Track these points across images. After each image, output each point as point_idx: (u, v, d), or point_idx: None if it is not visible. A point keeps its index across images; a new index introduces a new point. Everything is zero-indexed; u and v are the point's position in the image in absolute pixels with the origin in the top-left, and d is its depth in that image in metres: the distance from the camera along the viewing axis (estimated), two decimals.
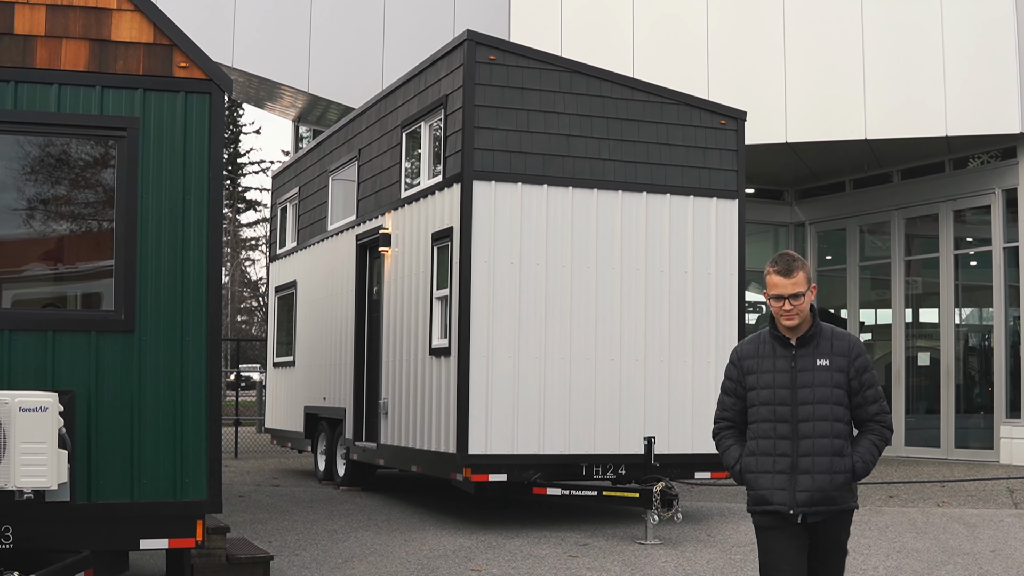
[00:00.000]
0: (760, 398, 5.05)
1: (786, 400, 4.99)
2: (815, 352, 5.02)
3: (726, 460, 5.23)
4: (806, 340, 5.04)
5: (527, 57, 11.52)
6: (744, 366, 5.14)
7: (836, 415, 4.97)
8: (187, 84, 7.33)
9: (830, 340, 5.04)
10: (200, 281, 7.28)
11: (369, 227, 13.80)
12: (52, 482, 6.37)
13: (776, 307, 5.04)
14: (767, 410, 5.02)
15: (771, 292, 5.03)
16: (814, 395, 4.96)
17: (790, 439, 4.98)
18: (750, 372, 5.10)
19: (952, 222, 19.84)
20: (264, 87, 22.03)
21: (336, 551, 9.88)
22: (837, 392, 4.97)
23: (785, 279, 4.98)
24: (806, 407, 4.97)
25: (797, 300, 4.98)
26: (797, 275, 4.98)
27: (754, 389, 5.08)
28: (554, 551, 9.95)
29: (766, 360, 5.07)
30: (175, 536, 7.13)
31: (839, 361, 4.99)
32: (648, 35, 19.64)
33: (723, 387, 5.24)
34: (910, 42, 18.40)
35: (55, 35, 7.16)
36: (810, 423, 4.96)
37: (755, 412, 5.07)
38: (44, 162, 7.32)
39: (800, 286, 4.98)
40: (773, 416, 5.00)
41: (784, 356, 5.04)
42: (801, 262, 5.02)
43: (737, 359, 5.18)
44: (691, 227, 11.92)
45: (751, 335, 5.26)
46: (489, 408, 10.98)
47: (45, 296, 7.57)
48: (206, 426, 7.22)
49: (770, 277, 5.02)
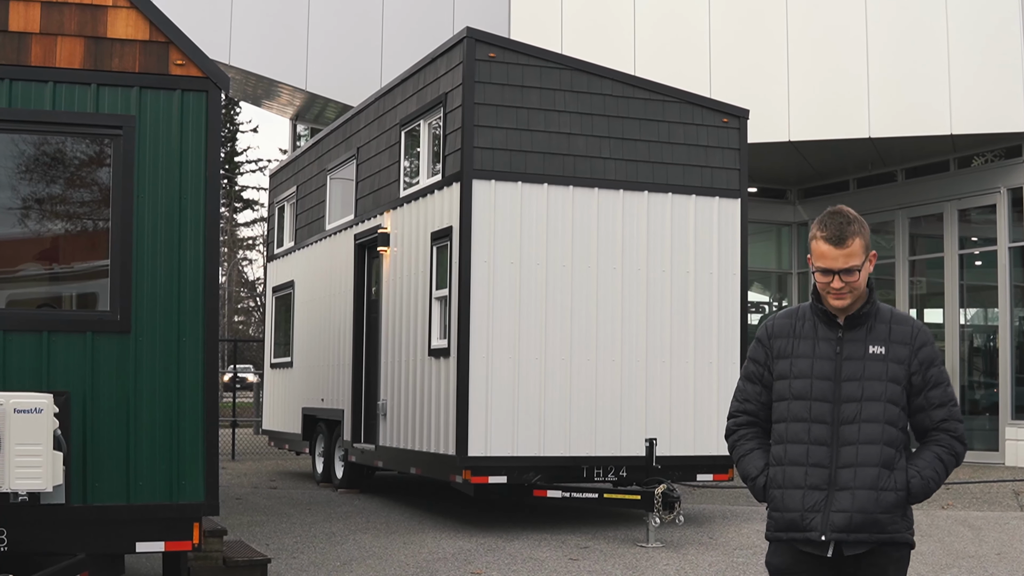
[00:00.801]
0: (793, 390, 4.00)
1: (826, 395, 3.95)
2: (868, 337, 3.98)
3: (745, 469, 4.12)
4: (858, 320, 3.99)
5: (527, 55, 11.53)
6: (775, 347, 4.07)
7: (889, 417, 3.92)
8: (183, 82, 7.32)
9: (888, 323, 4.00)
10: (197, 281, 7.27)
11: (367, 226, 13.80)
12: (47, 484, 6.37)
13: (822, 283, 3.95)
14: (801, 406, 3.97)
15: (817, 263, 3.93)
16: (862, 391, 3.92)
17: (828, 445, 3.93)
18: (782, 355, 4.04)
19: (957, 221, 19.84)
20: (261, 85, 22.03)
21: (334, 554, 9.88)
22: (893, 389, 3.93)
23: (836, 248, 3.87)
24: (851, 405, 3.92)
25: (851, 276, 3.89)
26: (852, 243, 3.87)
27: (785, 378, 4.02)
28: (555, 554, 9.95)
29: (804, 342, 4.02)
30: (171, 539, 7.13)
31: (898, 350, 3.96)
32: (650, 35, 19.64)
33: (744, 372, 4.18)
34: (915, 39, 18.39)
35: (50, 32, 7.15)
36: (855, 425, 3.91)
37: (784, 408, 4.01)
38: (39, 161, 7.31)
39: (855, 258, 3.88)
40: (808, 414, 3.95)
41: (828, 339, 4.00)
42: (859, 224, 3.92)
43: (767, 337, 4.10)
44: (693, 226, 11.93)
45: (787, 308, 4.19)
46: (489, 409, 10.98)
47: (40, 296, 7.57)
48: (203, 428, 7.22)
49: (816, 244, 3.93)
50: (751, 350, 4.17)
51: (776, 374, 4.06)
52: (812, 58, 18.86)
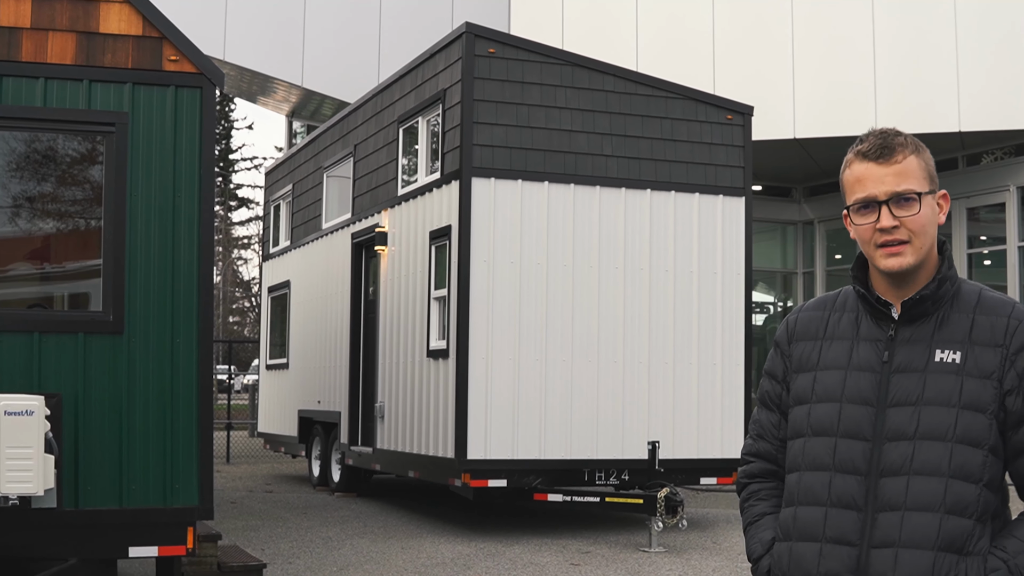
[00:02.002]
0: (813, 421, 2.66)
1: (861, 429, 2.59)
2: (936, 335, 2.61)
3: (749, 546, 2.82)
4: (921, 308, 2.62)
5: (528, 50, 11.53)
6: (796, 355, 2.75)
7: (960, 466, 2.53)
8: (177, 78, 7.32)
9: (970, 313, 2.63)
10: (191, 281, 7.28)
11: (365, 225, 13.81)
12: (38, 488, 6.37)
13: (864, 231, 2.62)
14: (822, 447, 2.63)
15: (853, 196, 2.63)
16: (918, 422, 2.55)
17: (858, 510, 2.57)
18: (804, 367, 2.72)
19: (965, 220, 19.85)
20: (257, 81, 22.04)
21: (331, 559, 9.89)
22: (971, 421, 2.54)
23: (879, 164, 2.60)
24: (899, 447, 2.56)
25: (907, 208, 2.57)
26: (904, 158, 2.61)
27: (804, 402, 2.69)
28: (555, 559, 9.96)
29: (838, 345, 2.69)
30: (165, 544, 7.13)
31: (984, 357, 2.57)
32: (652, 38, 19.64)
33: (759, 393, 2.88)
34: (922, 34, 18.40)
35: (41, 27, 7.15)
36: (902, 479, 2.54)
37: (799, 450, 2.68)
38: (30, 158, 7.32)
39: (911, 179, 2.60)
40: (831, 460, 2.61)
41: (873, 340, 2.65)
42: (912, 143, 2.66)
43: (786, 339, 2.80)
44: (696, 225, 11.93)
45: (822, 295, 2.86)
46: (488, 412, 10.98)
47: (31, 296, 7.57)
48: (197, 430, 7.22)
49: (851, 169, 2.65)
50: (768, 361, 2.86)
51: (794, 396, 2.72)
52: (818, 54, 18.87)
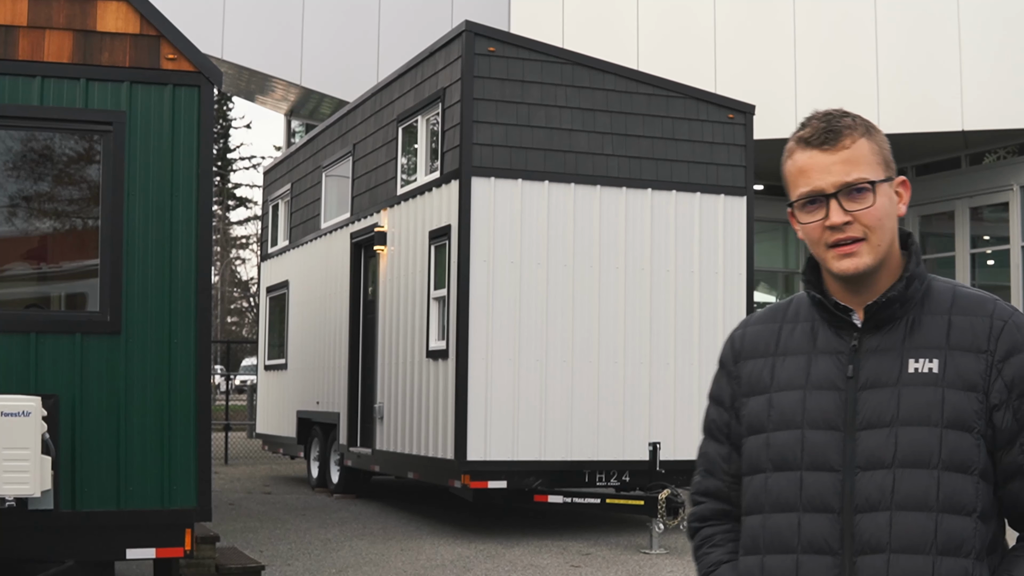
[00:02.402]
0: (773, 453, 2.28)
1: (829, 458, 2.23)
2: (907, 342, 2.25)
3: None
4: (887, 312, 2.26)
5: (528, 49, 11.53)
6: (746, 375, 2.38)
7: (953, 494, 2.17)
8: (175, 77, 7.33)
9: (945, 313, 2.26)
10: (189, 281, 7.28)
11: (364, 225, 13.81)
12: (35, 489, 6.38)
13: (812, 228, 2.26)
14: (786, 484, 2.26)
15: (797, 190, 2.27)
16: (895, 446, 2.19)
17: (833, 554, 2.21)
18: (755, 390, 2.35)
19: (969, 220, 19.85)
20: (255, 80, 22.05)
21: (330, 561, 9.89)
22: (959, 441, 2.18)
23: (824, 151, 2.24)
24: (875, 477, 2.19)
25: (860, 201, 2.22)
26: (852, 143, 2.25)
27: (760, 431, 2.32)
28: (556, 561, 9.96)
29: (792, 361, 2.32)
30: (163, 545, 7.13)
31: (967, 364, 2.21)
32: (653, 29, 19.65)
33: (705, 422, 2.49)
34: (925, 32, 18.41)
35: (38, 25, 7.16)
36: (883, 516, 2.18)
37: (759, 488, 2.31)
38: (26, 158, 7.32)
39: (862, 166, 2.23)
40: (797, 498, 2.24)
41: (833, 352, 2.29)
42: (862, 124, 2.30)
43: (732, 357, 2.44)
44: (698, 225, 11.93)
45: (771, 304, 2.52)
46: (488, 413, 10.98)
47: (28, 296, 7.57)
48: (195, 431, 7.22)
49: (792, 159, 2.29)
50: (712, 383, 2.50)
51: (747, 424, 2.34)
52: (820, 52, 18.87)
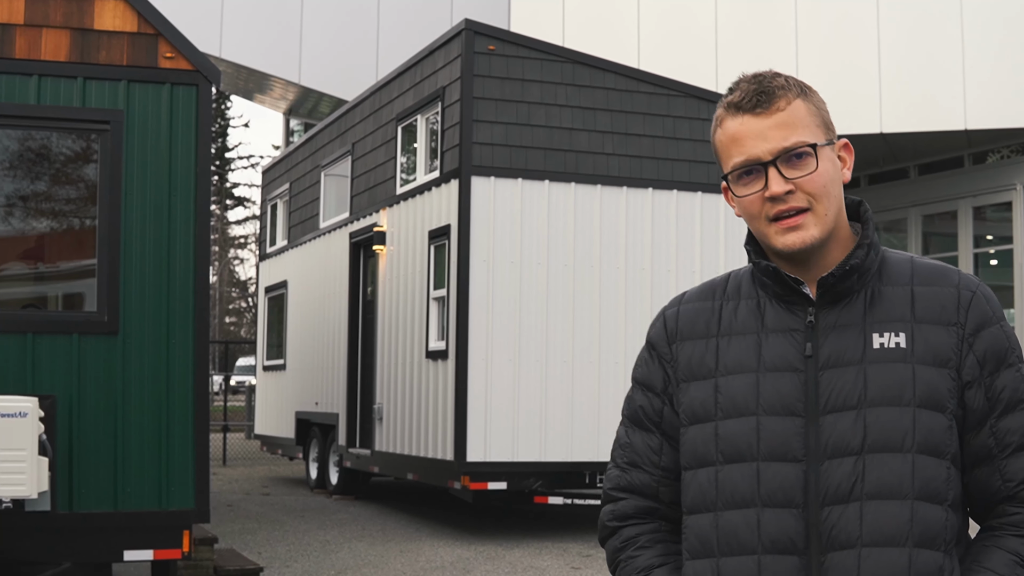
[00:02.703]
0: (724, 444, 2.05)
1: (789, 447, 2.01)
2: (869, 315, 2.05)
3: None
4: (844, 285, 2.06)
5: (528, 47, 11.53)
6: (684, 358, 2.14)
7: (928, 481, 1.99)
8: (173, 75, 7.32)
9: (906, 284, 2.07)
10: (187, 281, 7.27)
11: (363, 225, 13.80)
12: (32, 491, 6.37)
13: (750, 202, 2.05)
14: (741, 477, 2.03)
15: (730, 161, 2.06)
16: (864, 430, 1.99)
17: (799, 554, 2.00)
18: (696, 375, 2.12)
19: (972, 219, 19.85)
20: (253, 79, 22.05)
21: (329, 562, 9.88)
22: (932, 422, 2.00)
23: (755, 116, 2.04)
24: (845, 465, 1.99)
25: (800, 168, 2.02)
26: (787, 106, 2.04)
27: (705, 420, 2.08)
28: (556, 563, 9.95)
29: (739, 342, 2.09)
30: (161, 547, 7.13)
31: (936, 338, 2.03)
32: (654, 27, 19.65)
33: (627, 408, 2.25)
34: (927, 31, 18.40)
35: (35, 24, 7.15)
36: (853, 508, 1.98)
37: (707, 483, 2.07)
38: (23, 157, 7.31)
39: (800, 130, 2.02)
40: (755, 493, 2.01)
41: (787, 330, 2.06)
42: (796, 84, 2.08)
43: (665, 338, 2.18)
44: (699, 225, 11.92)
45: (706, 281, 2.23)
46: (488, 413, 10.98)
47: (25, 296, 7.57)
48: (193, 432, 7.22)
49: (723, 127, 2.09)
50: (639, 365, 2.24)
51: (687, 412, 2.11)
52: (821, 51, 18.87)
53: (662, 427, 2.16)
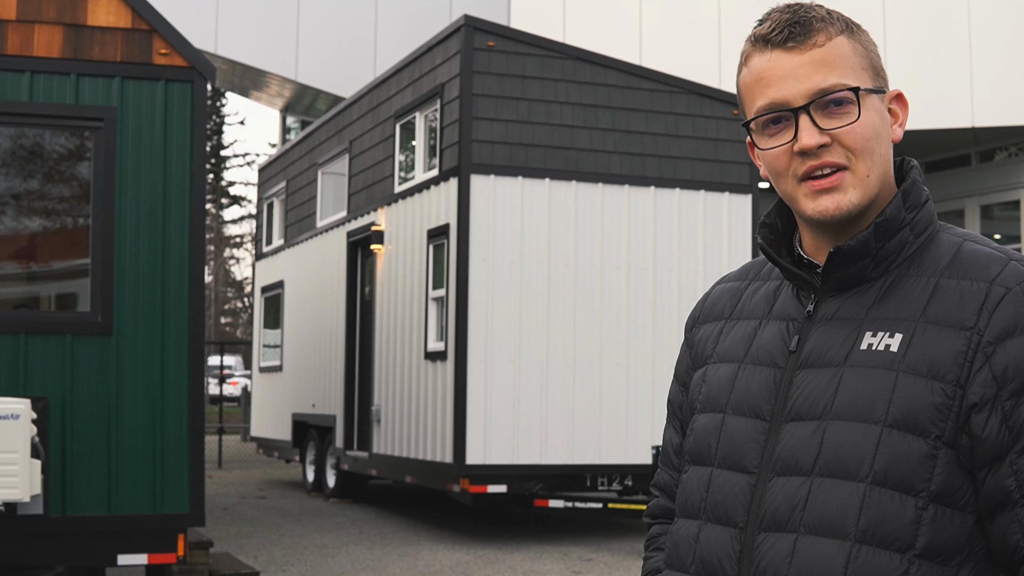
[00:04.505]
0: (690, 445, 1.85)
1: (743, 455, 1.74)
2: (872, 310, 1.70)
3: None
4: (854, 269, 1.72)
5: (528, 44, 11.53)
6: (699, 343, 1.93)
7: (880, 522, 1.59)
8: (168, 72, 7.33)
9: (934, 275, 1.68)
10: (181, 281, 7.28)
11: (361, 224, 13.81)
12: (24, 494, 6.37)
13: (776, 155, 1.72)
14: (696, 481, 1.81)
15: (754, 105, 1.75)
16: (820, 447, 1.65)
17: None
18: (699, 360, 1.91)
19: (979, 218, 19.85)
20: (249, 75, 22.05)
21: (326, 567, 9.89)
22: (903, 448, 1.60)
23: (790, 53, 1.72)
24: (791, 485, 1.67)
25: (837, 117, 1.68)
26: (826, 40, 1.72)
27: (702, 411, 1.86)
28: (556, 566, 9.96)
29: (742, 327, 1.85)
30: (155, 551, 7.13)
31: (940, 343, 1.62)
32: (657, 22, 19.66)
33: (667, 406, 2.03)
34: (935, 28, 18.41)
35: (27, 19, 7.16)
36: (788, 540, 1.65)
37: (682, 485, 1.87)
38: (16, 155, 7.32)
39: (841, 70, 1.69)
40: (702, 502, 1.79)
41: (784, 319, 1.79)
42: (840, 19, 1.79)
43: (692, 322, 1.98)
44: (702, 224, 11.93)
45: (753, 260, 2.00)
46: (488, 415, 10.98)
47: (17, 296, 7.57)
48: (188, 434, 7.22)
49: (749, 66, 1.78)
50: (679, 358, 2.01)
51: (694, 400, 1.89)
52: None
53: (683, 422, 1.93)
